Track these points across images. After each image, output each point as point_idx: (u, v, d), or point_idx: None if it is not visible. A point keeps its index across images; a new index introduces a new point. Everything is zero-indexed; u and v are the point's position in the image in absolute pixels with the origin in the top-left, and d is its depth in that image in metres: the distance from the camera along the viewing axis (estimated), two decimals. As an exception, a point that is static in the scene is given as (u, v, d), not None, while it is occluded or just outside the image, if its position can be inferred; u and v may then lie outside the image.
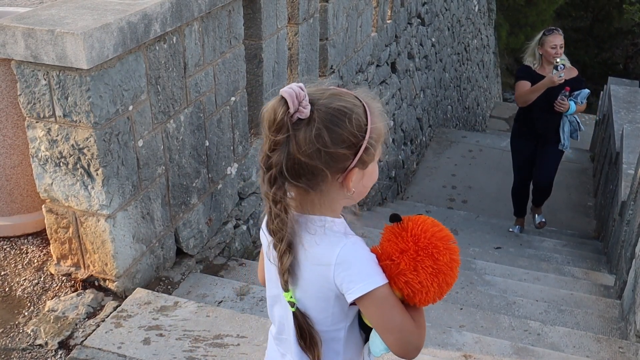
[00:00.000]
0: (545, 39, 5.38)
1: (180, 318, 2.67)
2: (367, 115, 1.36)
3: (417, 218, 1.41)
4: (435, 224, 1.40)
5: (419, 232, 1.38)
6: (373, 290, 1.35)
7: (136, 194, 2.79)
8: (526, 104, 5.38)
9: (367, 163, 1.38)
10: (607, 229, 6.10)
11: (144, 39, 2.61)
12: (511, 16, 16.94)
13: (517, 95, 5.46)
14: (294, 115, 1.30)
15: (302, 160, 1.31)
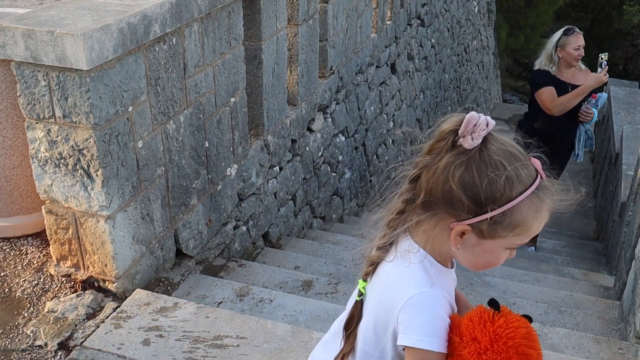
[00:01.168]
0: (567, 40, 4.85)
1: (180, 319, 2.67)
2: (521, 193, 1.22)
3: (513, 319, 1.27)
4: (526, 337, 1.26)
5: (504, 334, 1.25)
6: (423, 350, 1.27)
7: (136, 195, 2.79)
8: (563, 112, 4.81)
9: (485, 236, 1.25)
10: (607, 230, 6.10)
11: (143, 40, 2.61)
12: (511, 17, 16.94)
13: (554, 104, 4.79)
14: (459, 140, 1.25)
15: (433, 182, 1.28)
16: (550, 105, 4.79)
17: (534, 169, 1.26)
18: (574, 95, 4.76)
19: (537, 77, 4.96)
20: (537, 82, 4.92)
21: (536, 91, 4.89)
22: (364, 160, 6.38)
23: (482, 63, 14.01)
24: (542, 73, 4.93)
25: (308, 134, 4.79)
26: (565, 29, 4.96)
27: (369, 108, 6.32)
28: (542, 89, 4.84)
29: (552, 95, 4.79)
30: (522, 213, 1.22)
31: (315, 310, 3.02)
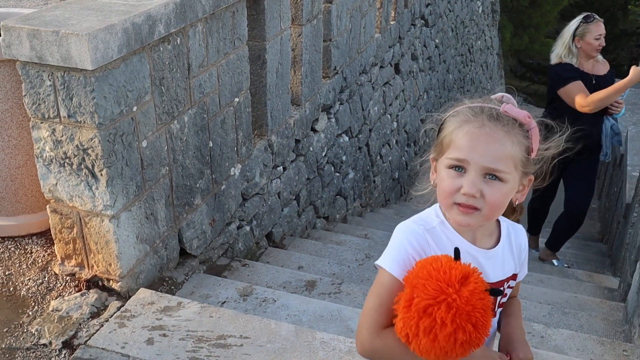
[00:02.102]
0: (587, 28, 4.39)
1: (184, 318, 2.67)
2: (453, 110, 1.41)
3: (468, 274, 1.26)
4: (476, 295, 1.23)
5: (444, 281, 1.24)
6: (381, 268, 1.39)
7: (140, 195, 2.79)
8: (599, 109, 4.32)
9: (436, 158, 1.42)
10: (612, 231, 6.09)
11: (148, 40, 2.62)
12: (515, 17, 16.93)
13: (591, 100, 4.26)
14: None
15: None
16: (585, 102, 4.24)
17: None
18: (615, 91, 4.24)
19: (561, 72, 4.43)
20: (561, 78, 4.40)
21: (562, 87, 4.38)
22: (368, 160, 6.38)
23: (486, 63, 13.99)
24: (566, 67, 4.43)
25: (312, 134, 4.80)
26: (585, 16, 4.48)
27: (372, 108, 6.32)
28: (570, 84, 4.32)
29: (583, 91, 4.28)
30: (448, 129, 1.38)
31: (319, 311, 3.02)
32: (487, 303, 1.24)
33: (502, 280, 1.45)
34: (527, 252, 1.51)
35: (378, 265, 1.39)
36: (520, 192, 1.39)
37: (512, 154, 1.31)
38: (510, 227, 1.48)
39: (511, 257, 1.46)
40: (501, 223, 1.46)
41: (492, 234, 1.45)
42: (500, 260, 1.44)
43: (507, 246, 1.45)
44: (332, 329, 2.87)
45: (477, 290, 1.23)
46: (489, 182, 1.31)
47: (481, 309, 1.22)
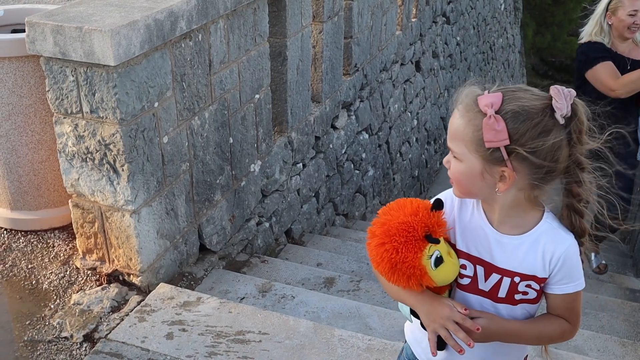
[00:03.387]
0: (620, 2, 3.74)
1: (203, 314, 2.69)
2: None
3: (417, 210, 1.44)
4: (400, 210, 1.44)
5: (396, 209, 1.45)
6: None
7: (161, 190, 2.81)
8: (632, 93, 3.65)
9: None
10: (633, 231, 6.01)
11: (170, 36, 2.63)
12: (538, 15, 16.77)
13: (621, 82, 3.63)
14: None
15: None
16: (615, 85, 3.63)
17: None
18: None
19: (589, 51, 3.81)
20: (589, 58, 3.77)
21: (590, 69, 3.73)
22: (388, 158, 6.36)
23: (507, 61, 13.87)
24: (596, 46, 3.81)
25: (332, 131, 4.79)
26: None
27: (392, 106, 6.30)
28: (598, 65, 3.70)
29: (614, 72, 3.67)
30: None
31: (337, 308, 3.02)
32: (415, 235, 1.40)
33: (512, 272, 1.45)
34: (566, 265, 1.42)
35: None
36: (501, 182, 1.36)
37: (462, 135, 1.36)
38: (550, 231, 1.43)
39: (534, 257, 1.43)
40: (541, 223, 1.43)
41: (521, 225, 1.44)
42: (513, 250, 1.44)
43: (533, 245, 1.43)
44: (351, 326, 2.87)
45: (411, 224, 1.41)
46: (453, 158, 1.41)
47: (406, 237, 1.40)
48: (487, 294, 1.49)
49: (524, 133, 1.30)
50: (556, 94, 1.29)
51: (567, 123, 1.31)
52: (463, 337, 1.42)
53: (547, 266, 1.42)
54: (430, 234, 1.42)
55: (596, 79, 3.72)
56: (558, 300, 1.47)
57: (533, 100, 1.33)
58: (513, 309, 1.50)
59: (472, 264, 1.49)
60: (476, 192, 1.42)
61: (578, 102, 1.32)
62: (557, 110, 1.29)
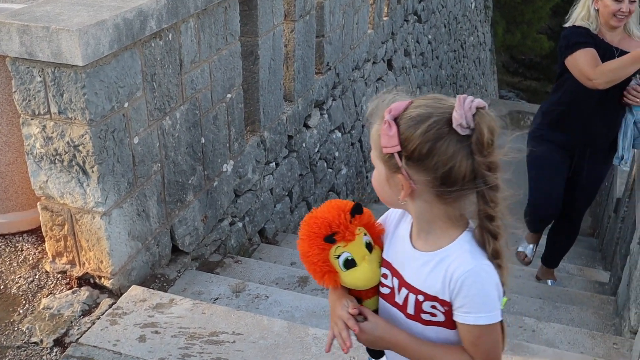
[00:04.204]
0: None
1: (176, 315, 2.67)
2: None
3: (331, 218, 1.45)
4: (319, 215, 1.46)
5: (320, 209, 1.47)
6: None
7: (132, 191, 2.79)
8: (611, 85, 3.24)
9: None
10: (602, 226, 6.13)
11: (139, 36, 2.61)
12: (507, 13, 16.96)
13: (599, 70, 3.22)
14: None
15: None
16: (593, 73, 3.23)
17: None
18: (632, 60, 3.17)
19: (571, 36, 3.38)
20: (570, 43, 3.36)
21: (569, 55, 3.34)
22: (361, 156, 6.38)
23: (478, 59, 14.01)
24: (580, 30, 3.38)
25: (304, 130, 4.79)
26: None
27: (365, 104, 6.32)
28: (579, 51, 3.28)
29: (593, 59, 3.25)
30: None
31: (311, 307, 3.02)
32: (317, 232, 1.43)
33: (416, 289, 1.39)
34: (464, 291, 1.32)
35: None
36: (403, 190, 1.32)
37: (373, 141, 1.35)
38: (457, 252, 1.34)
39: (436, 277, 1.36)
40: (454, 243, 1.35)
41: (436, 242, 1.37)
42: (420, 267, 1.38)
43: (438, 264, 1.36)
44: (325, 324, 2.87)
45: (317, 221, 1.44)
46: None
47: (309, 232, 1.44)
48: (400, 307, 1.44)
49: (412, 139, 1.26)
50: (457, 104, 1.24)
51: (469, 134, 1.24)
52: (344, 336, 1.43)
53: (446, 288, 1.34)
54: (333, 235, 1.41)
55: (575, 67, 3.33)
56: (462, 330, 1.36)
57: (436, 108, 1.27)
58: (424, 329, 1.42)
59: (391, 275, 1.45)
60: (386, 198, 1.38)
61: (485, 112, 1.24)
62: (454, 120, 1.23)
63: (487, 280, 1.31)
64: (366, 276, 1.45)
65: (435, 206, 1.32)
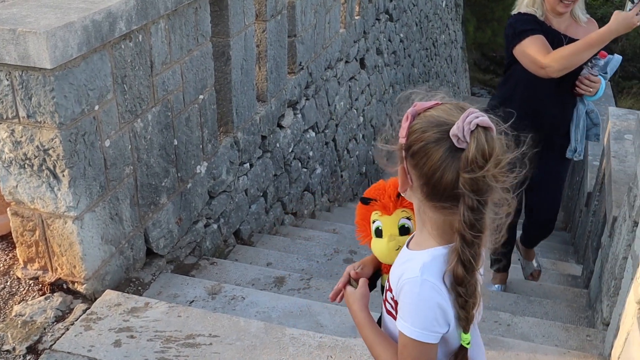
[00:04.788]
0: None
1: (151, 319, 2.65)
2: None
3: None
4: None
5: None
6: None
7: (104, 195, 2.75)
8: (565, 72, 3.07)
9: None
10: (574, 220, 6.21)
11: (109, 38, 2.58)
12: (478, 11, 17.11)
13: (553, 57, 3.04)
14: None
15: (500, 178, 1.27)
16: (545, 60, 3.04)
17: None
18: (586, 46, 2.99)
19: (518, 24, 3.21)
20: (517, 31, 3.18)
21: (517, 44, 3.17)
22: (335, 155, 6.39)
23: (450, 57, 14.13)
24: (526, 17, 3.21)
25: (278, 130, 4.79)
26: None
27: (338, 103, 6.33)
28: (527, 39, 3.12)
29: (544, 46, 3.08)
30: None
31: (288, 307, 3.02)
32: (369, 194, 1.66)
33: (390, 280, 1.45)
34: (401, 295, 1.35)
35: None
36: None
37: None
38: (416, 261, 1.35)
39: (397, 275, 1.39)
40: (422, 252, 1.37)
41: (417, 242, 1.41)
42: (397, 261, 1.45)
43: (403, 263, 1.40)
44: (302, 324, 2.88)
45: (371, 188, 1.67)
46: None
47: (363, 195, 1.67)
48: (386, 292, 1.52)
49: (413, 135, 1.29)
50: (462, 115, 1.25)
51: (464, 147, 1.24)
52: (336, 288, 1.61)
53: (396, 287, 1.39)
54: (370, 200, 1.62)
55: (524, 56, 3.14)
56: (400, 338, 1.38)
57: (451, 116, 1.29)
58: (385, 316, 1.48)
59: None
60: (399, 188, 1.43)
61: (483, 132, 1.23)
62: (452, 130, 1.24)
63: (422, 296, 1.31)
64: (381, 252, 1.60)
65: (426, 209, 1.35)
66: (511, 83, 3.36)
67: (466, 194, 1.24)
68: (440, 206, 1.31)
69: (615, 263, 2.89)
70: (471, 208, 1.25)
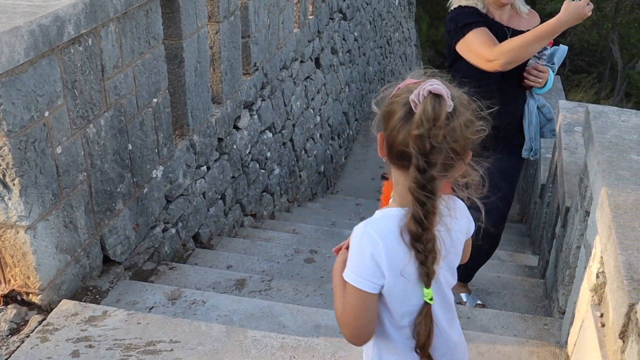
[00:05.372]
0: None
1: (110, 327, 2.60)
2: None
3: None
4: None
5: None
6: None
7: (57, 203, 2.69)
8: (513, 65, 2.92)
9: None
10: (530, 212, 6.35)
11: (57, 42, 2.52)
12: (430, 9, 17.33)
13: (500, 51, 2.88)
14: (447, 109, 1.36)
15: (459, 148, 1.37)
16: (491, 54, 2.89)
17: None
18: (535, 38, 2.84)
19: (459, 18, 3.03)
20: (459, 25, 3.00)
21: (460, 39, 2.99)
22: (293, 155, 6.39)
23: (404, 55, 14.27)
24: (466, 10, 3.04)
25: (234, 131, 4.76)
26: None
27: (295, 103, 6.33)
28: (470, 32, 2.96)
29: (489, 39, 2.93)
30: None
31: (250, 309, 3.01)
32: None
33: None
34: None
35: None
36: None
37: None
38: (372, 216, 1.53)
39: None
40: (383, 209, 1.55)
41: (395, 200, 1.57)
42: None
43: None
44: (264, 326, 2.87)
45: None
46: None
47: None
48: None
49: (389, 102, 1.42)
50: (422, 84, 1.37)
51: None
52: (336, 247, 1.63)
53: None
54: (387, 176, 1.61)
55: (469, 51, 2.97)
56: None
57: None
58: None
59: None
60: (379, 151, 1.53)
61: (433, 98, 1.34)
62: (411, 96, 1.37)
63: (360, 245, 1.43)
64: None
65: (392, 171, 1.46)
66: (456, 82, 3.09)
67: (414, 153, 1.34)
68: (400, 165, 1.41)
69: (569, 253, 2.96)
70: (418, 168, 1.35)
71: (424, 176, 1.35)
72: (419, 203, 1.37)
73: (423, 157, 1.34)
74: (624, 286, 1.69)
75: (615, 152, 2.45)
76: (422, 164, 1.34)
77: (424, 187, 1.35)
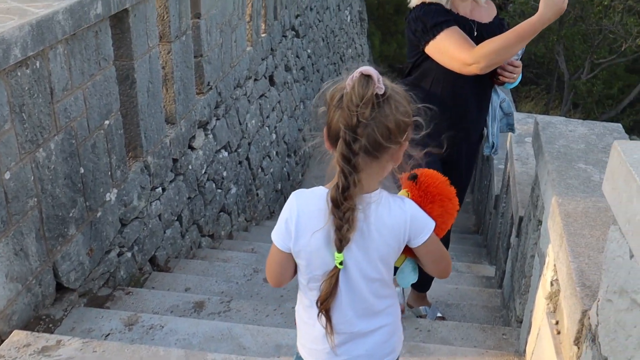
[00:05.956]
0: None
1: (65, 357, 2.53)
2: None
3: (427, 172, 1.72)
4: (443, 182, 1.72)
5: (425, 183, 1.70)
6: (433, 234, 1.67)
7: (6, 230, 2.61)
8: (494, 67, 2.73)
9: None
10: (485, 222, 6.45)
11: (3, 65, 2.46)
12: (382, 25, 17.56)
13: (481, 53, 2.63)
14: (377, 91, 1.44)
15: (386, 131, 1.46)
16: (470, 57, 2.66)
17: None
18: (517, 38, 2.60)
19: (427, 17, 2.75)
20: (428, 25, 2.73)
21: (430, 41, 2.74)
22: (249, 174, 6.36)
23: (358, 71, 14.39)
24: (433, 8, 2.77)
25: (189, 152, 4.71)
26: None
27: (250, 122, 6.31)
28: (442, 33, 2.71)
29: (464, 40, 2.70)
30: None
31: (209, 331, 2.96)
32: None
33: None
34: None
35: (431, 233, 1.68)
36: None
37: None
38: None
39: None
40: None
41: None
42: None
43: None
44: (224, 348, 2.83)
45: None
46: None
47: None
48: None
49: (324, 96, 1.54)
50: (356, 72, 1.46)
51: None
52: None
53: None
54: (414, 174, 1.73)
55: (442, 53, 2.73)
56: None
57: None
58: None
59: None
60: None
61: (360, 78, 1.44)
62: (347, 80, 1.47)
63: (284, 207, 1.63)
64: None
65: (333, 153, 1.56)
66: (425, 84, 2.87)
67: (341, 128, 1.46)
68: (335, 145, 1.51)
69: (524, 262, 3.02)
70: (345, 141, 1.46)
71: (349, 149, 1.46)
72: (343, 174, 1.49)
73: (350, 131, 1.44)
74: (577, 293, 1.73)
75: (564, 161, 2.51)
76: (348, 137, 1.45)
77: (349, 160, 1.47)
